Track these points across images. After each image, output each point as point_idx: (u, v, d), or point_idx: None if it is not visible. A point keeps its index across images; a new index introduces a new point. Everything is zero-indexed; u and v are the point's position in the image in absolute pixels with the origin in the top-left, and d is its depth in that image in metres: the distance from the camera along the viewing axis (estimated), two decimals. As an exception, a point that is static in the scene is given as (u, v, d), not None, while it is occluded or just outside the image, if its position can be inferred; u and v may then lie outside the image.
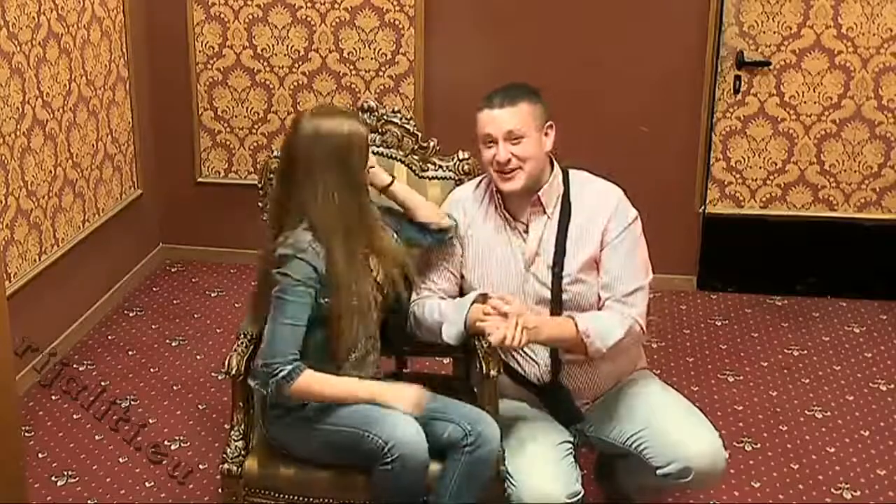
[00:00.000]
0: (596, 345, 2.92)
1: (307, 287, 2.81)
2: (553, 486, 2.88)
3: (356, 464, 2.85)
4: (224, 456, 2.98)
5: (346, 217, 2.84)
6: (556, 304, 3.01)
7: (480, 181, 3.16)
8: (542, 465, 2.92)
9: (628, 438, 3.02)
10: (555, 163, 3.09)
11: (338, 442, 2.84)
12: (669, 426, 2.96)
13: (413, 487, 2.80)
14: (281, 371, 2.78)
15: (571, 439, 3.06)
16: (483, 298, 2.98)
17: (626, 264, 3.00)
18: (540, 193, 3.03)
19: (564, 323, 2.95)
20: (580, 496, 2.91)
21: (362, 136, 2.89)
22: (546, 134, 3.04)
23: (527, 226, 3.06)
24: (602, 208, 3.03)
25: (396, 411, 2.80)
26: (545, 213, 3.05)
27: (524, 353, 3.05)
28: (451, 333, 2.99)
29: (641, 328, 2.99)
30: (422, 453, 2.76)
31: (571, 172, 3.11)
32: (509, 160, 2.98)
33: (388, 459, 2.74)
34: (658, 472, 2.95)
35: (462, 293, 3.12)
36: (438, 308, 3.04)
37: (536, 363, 3.06)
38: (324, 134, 2.83)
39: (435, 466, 2.85)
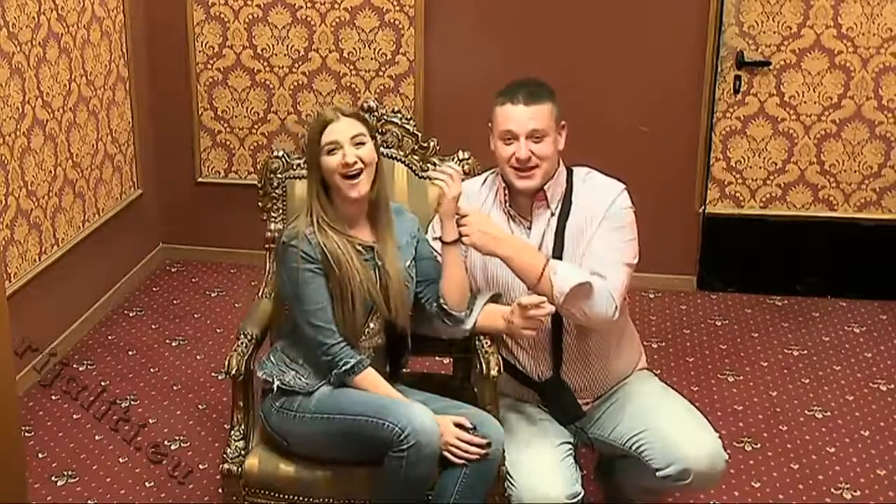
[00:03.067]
0: (557, 281, 2.85)
1: (310, 266, 2.86)
2: (553, 487, 2.88)
3: (364, 455, 2.83)
4: (224, 456, 2.97)
5: (314, 205, 2.94)
6: None
7: (486, 178, 3.16)
8: (543, 465, 2.92)
9: (628, 439, 3.02)
10: (560, 160, 3.09)
11: (349, 431, 2.83)
12: (669, 428, 2.96)
13: (423, 478, 2.79)
14: (345, 364, 2.87)
15: (571, 440, 3.07)
16: (495, 298, 3.01)
17: (607, 243, 2.97)
18: (546, 188, 3.04)
19: (536, 252, 2.96)
20: (580, 497, 2.91)
21: (315, 126, 2.95)
22: (559, 133, 3.05)
23: (530, 222, 3.07)
24: (600, 204, 3.03)
25: (410, 400, 2.84)
26: (549, 208, 3.05)
27: (525, 349, 3.06)
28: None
29: (612, 297, 2.90)
30: (436, 442, 2.76)
31: (575, 170, 3.12)
32: (529, 158, 2.98)
33: (405, 446, 2.73)
34: (657, 473, 2.95)
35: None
36: None
37: (537, 359, 3.07)
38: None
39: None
